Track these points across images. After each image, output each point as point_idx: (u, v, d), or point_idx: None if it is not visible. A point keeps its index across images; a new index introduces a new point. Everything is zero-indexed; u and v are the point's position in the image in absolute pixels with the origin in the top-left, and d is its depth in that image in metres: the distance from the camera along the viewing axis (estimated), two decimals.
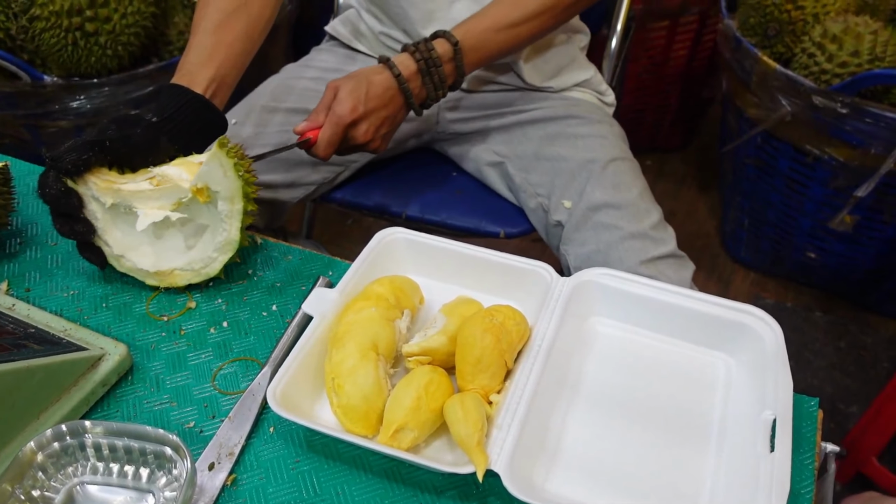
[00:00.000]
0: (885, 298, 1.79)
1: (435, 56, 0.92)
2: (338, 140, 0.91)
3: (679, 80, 2.14)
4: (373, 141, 0.95)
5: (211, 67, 0.87)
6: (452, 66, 0.95)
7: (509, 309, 0.70)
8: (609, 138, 1.08)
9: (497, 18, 0.96)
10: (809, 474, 0.64)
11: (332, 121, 0.90)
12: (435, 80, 0.94)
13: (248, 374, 0.74)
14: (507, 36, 0.96)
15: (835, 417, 1.59)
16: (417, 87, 0.94)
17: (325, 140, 0.91)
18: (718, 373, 0.72)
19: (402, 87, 0.93)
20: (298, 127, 0.92)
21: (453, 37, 0.93)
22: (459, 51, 0.93)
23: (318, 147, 0.91)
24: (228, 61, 0.89)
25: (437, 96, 0.96)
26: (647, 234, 0.96)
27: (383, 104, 0.93)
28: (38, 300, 0.80)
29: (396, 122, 0.97)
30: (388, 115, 0.94)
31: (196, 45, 0.89)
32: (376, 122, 0.93)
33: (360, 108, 0.90)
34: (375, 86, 0.91)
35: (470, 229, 1.15)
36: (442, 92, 0.96)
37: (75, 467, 0.62)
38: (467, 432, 0.60)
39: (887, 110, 1.37)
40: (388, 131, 0.97)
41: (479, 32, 0.95)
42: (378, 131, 0.94)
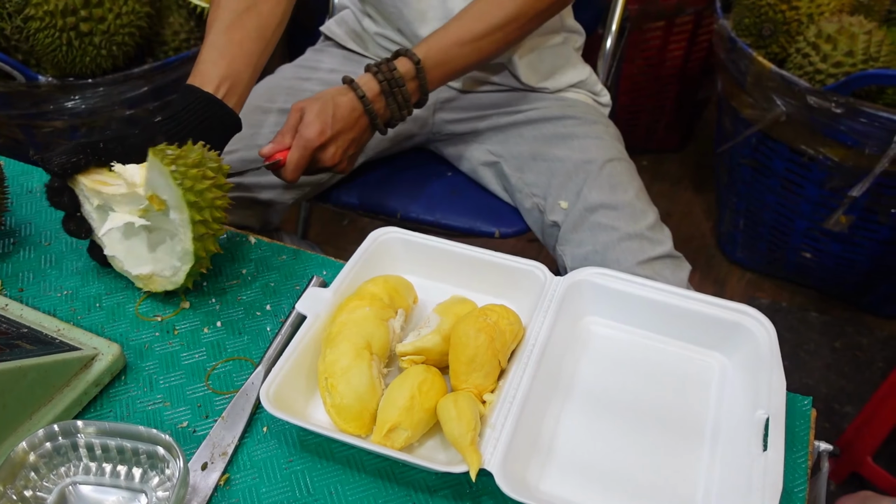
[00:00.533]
0: (881, 299, 1.79)
1: (398, 76, 0.92)
2: (305, 163, 0.91)
3: (674, 80, 2.14)
4: (340, 163, 0.95)
5: (221, 66, 0.86)
6: (416, 84, 0.94)
7: (503, 308, 0.70)
8: (605, 139, 1.08)
9: (460, 33, 0.95)
10: (802, 473, 0.64)
11: (300, 144, 0.90)
12: (399, 99, 0.94)
13: (241, 373, 0.73)
14: (472, 49, 0.96)
15: (830, 417, 1.59)
16: (382, 108, 0.94)
17: (293, 163, 0.90)
18: (712, 372, 0.72)
19: (366, 108, 0.93)
20: (264, 149, 0.92)
21: (415, 55, 0.93)
22: (422, 69, 0.93)
23: (285, 170, 0.91)
24: (240, 60, 0.88)
25: (401, 115, 0.96)
26: (644, 235, 0.96)
27: (349, 126, 0.93)
28: (32, 300, 0.80)
29: (362, 143, 0.98)
30: (355, 136, 0.94)
31: (208, 45, 0.89)
32: (343, 144, 0.93)
33: (328, 131, 0.90)
34: (341, 108, 0.91)
35: (465, 229, 1.15)
36: (407, 111, 0.96)
37: (68, 467, 0.62)
38: (461, 432, 0.60)
39: (882, 110, 1.37)
40: (355, 153, 0.97)
41: (443, 48, 0.95)
42: (345, 153, 0.95)
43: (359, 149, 0.98)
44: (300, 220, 1.57)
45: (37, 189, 0.95)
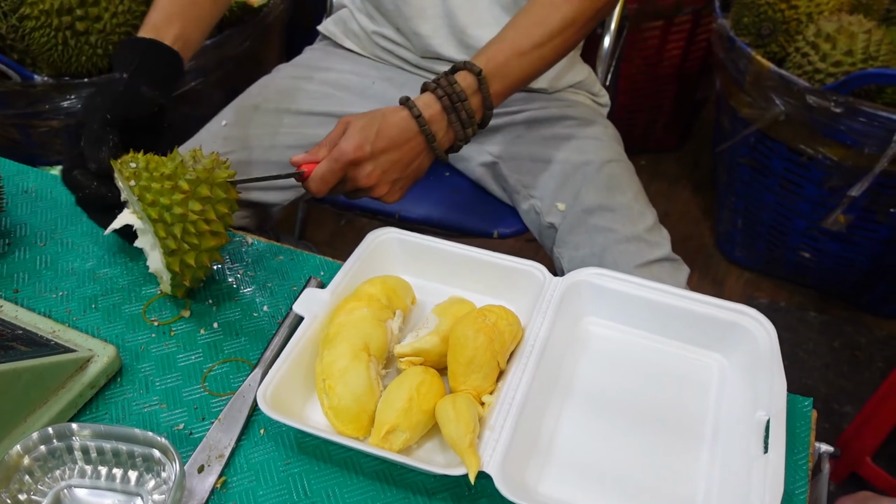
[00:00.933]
0: (880, 298, 1.79)
1: (458, 90, 0.82)
2: (334, 178, 0.82)
3: (673, 80, 2.14)
4: (378, 186, 0.84)
5: (175, 25, 0.85)
6: (479, 98, 0.85)
7: (502, 309, 0.70)
8: (603, 140, 1.07)
9: (518, 41, 0.87)
10: (803, 475, 0.64)
11: (333, 156, 0.81)
12: (462, 116, 0.84)
13: (238, 375, 0.73)
14: (533, 58, 0.88)
15: (829, 417, 1.59)
16: (443, 129, 0.84)
17: (319, 175, 0.82)
18: (712, 373, 0.72)
19: (422, 128, 0.82)
20: (296, 157, 0.84)
21: (475, 66, 0.83)
22: (484, 80, 0.84)
23: (310, 181, 0.82)
24: (192, 22, 0.88)
25: (466, 135, 0.86)
26: (642, 238, 0.96)
27: (395, 146, 0.82)
28: (27, 301, 0.80)
29: (413, 170, 0.86)
30: (401, 159, 0.84)
31: (161, 3, 0.87)
32: (385, 164, 0.83)
33: (367, 147, 0.80)
34: (390, 126, 0.82)
35: (464, 230, 1.14)
36: (472, 129, 0.86)
37: (63, 470, 0.61)
38: (459, 434, 0.60)
39: (881, 109, 1.37)
40: (401, 178, 0.85)
41: (503, 59, 0.86)
42: (385, 176, 0.83)
43: (406, 175, 0.86)
44: (298, 221, 1.57)
45: (32, 189, 0.94)
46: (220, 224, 0.75)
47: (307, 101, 1.10)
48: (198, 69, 1.54)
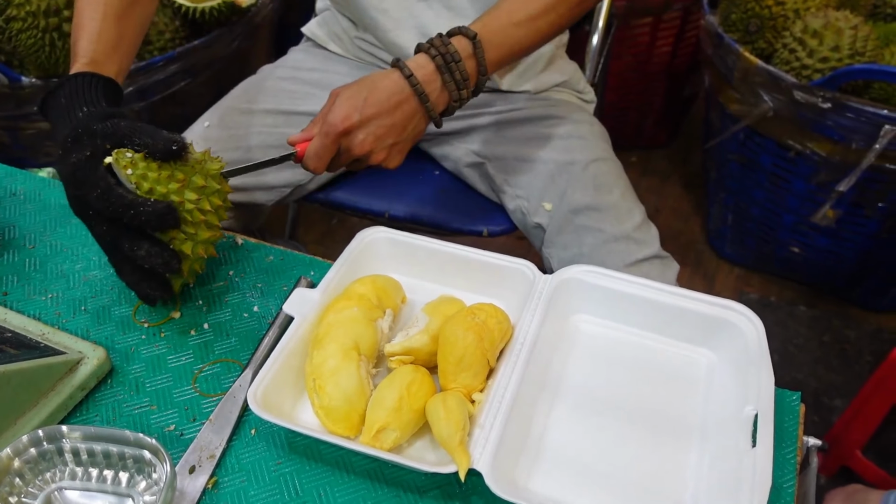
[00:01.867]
0: (868, 292, 1.80)
1: (453, 50, 0.82)
2: (328, 152, 0.82)
3: (662, 77, 2.15)
4: (373, 153, 0.84)
5: (115, 61, 0.81)
6: (474, 62, 0.84)
7: (492, 307, 0.70)
8: (589, 138, 1.07)
9: (513, 11, 0.87)
10: (791, 468, 0.64)
11: (323, 130, 0.82)
12: (456, 76, 0.83)
13: (229, 375, 0.73)
14: (528, 30, 0.87)
15: (819, 411, 1.60)
16: (437, 90, 0.83)
17: (313, 151, 0.82)
18: (701, 369, 0.72)
19: (414, 88, 0.81)
20: (291, 137, 0.85)
21: (470, 31, 0.83)
22: (479, 44, 0.83)
23: (306, 159, 0.83)
24: (127, 56, 0.85)
25: (460, 97, 0.85)
26: (631, 237, 0.96)
27: (386, 110, 0.82)
28: (16, 304, 0.79)
29: (408, 132, 0.85)
30: (395, 122, 0.83)
31: (99, 33, 0.81)
32: (377, 130, 0.82)
33: (355, 115, 0.81)
34: (379, 90, 0.82)
35: (453, 228, 1.14)
36: (466, 91, 0.85)
37: (53, 473, 0.61)
38: (449, 432, 0.60)
39: (868, 105, 1.37)
40: (397, 142, 0.85)
41: (498, 27, 0.86)
42: (380, 142, 0.83)
43: (402, 138, 0.85)
44: (288, 221, 1.57)
45: (20, 191, 0.94)
46: (215, 216, 0.74)
47: (292, 102, 1.10)
48: (186, 70, 1.53)
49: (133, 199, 0.67)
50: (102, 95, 0.75)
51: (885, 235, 1.61)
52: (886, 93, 1.45)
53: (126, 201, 0.67)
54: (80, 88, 0.75)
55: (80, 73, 0.77)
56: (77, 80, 0.75)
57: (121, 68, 0.81)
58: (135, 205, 0.67)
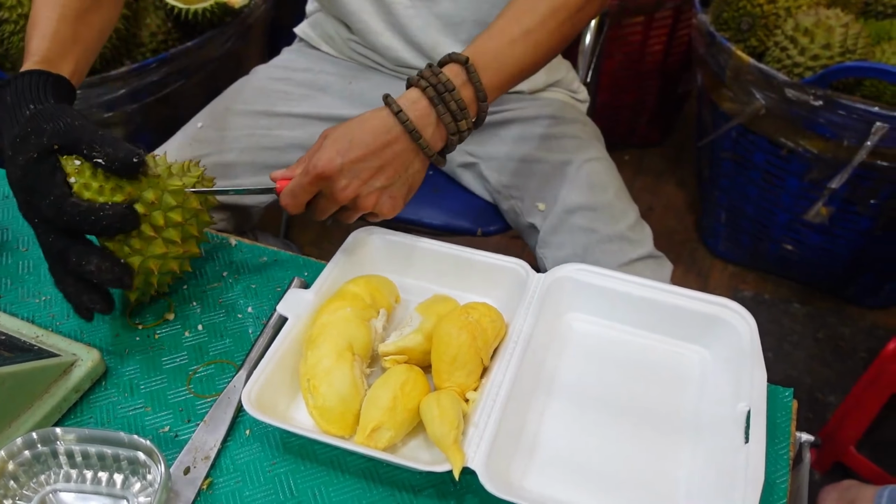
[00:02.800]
0: (862, 289, 1.81)
1: (444, 79, 0.74)
2: (304, 193, 0.75)
3: (655, 75, 2.15)
4: (360, 198, 0.75)
5: (71, 61, 0.78)
6: (471, 89, 0.76)
7: (485, 306, 0.70)
8: (582, 138, 1.07)
9: (507, 29, 0.80)
10: (784, 464, 0.65)
11: (305, 170, 0.74)
12: (452, 107, 0.75)
13: (223, 376, 0.73)
14: (526, 46, 0.80)
15: (813, 408, 1.60)
16: (432, 125, 0.76)
17: (289, 190, 0.75)
18: (694, 366, 0.72)
19: (404, 124, 0.74)
20: (275, 174, 0.79)
21: (461, 56, 0.76)
22: (473, 69, 0.76)
23: (281, 196, 0.77)
24: (84, 58, 0.81)
25: (458, 129, 0.77)
26: (624, 236, 0.96)
27: (372, 152, 0.73)
28: (9, 307, 0.79)
29: (402, 175, 0.77)
30: (383, 164, 0.74)
31: (54, 32, 0.78)
32: (364, 175, 0.74)
33: (338, 160, 0.72)
34: (365, 132, 0.74)
35: (447, 228, 1.14)
36: (465, 122, 0.77)
37: (48, 475, 0.61)
38: (443, 431, 0.60)
39: (859, 102, 1.38)
40: (389, 186, 0.76)
41: (493, 48, 0.79)
42: (366, 187, 0.75)
43: (398, 182, 0.77)
44: (282, 221, 1.57)
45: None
46: (176, 232, 0.72)
47: (284, 103, 1.10)
48: (179, 71, 1.53)
49: (89, 206, 0.65)
50: (52, 94, 0.72)
51: (877, 232, 1.62)
52: (877, 90, 1.46)
53: (81, 209, 0.64)
54: (29, 86, 0.71)
55: (28, 70, 0.73)
56: (25, 79, 0.72)
57: (76, 69, 0.78)
58: (91, 211, 0.64)
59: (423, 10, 1.01)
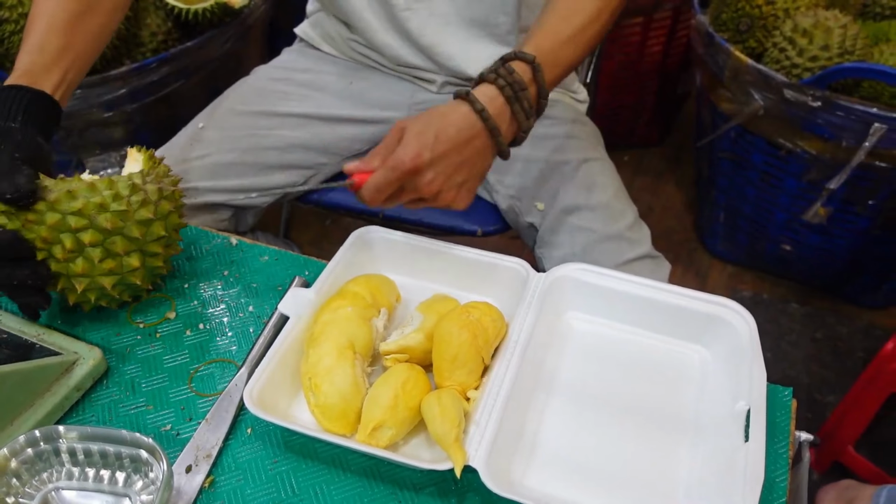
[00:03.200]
0: (860, 289, 1.81)
1: (518, 79, 0.76)
2: (390, 188, 0.75)
3: (654, 76, 2.15)
4: (442, 193, 0.76)
5: (57, 73, 0.79)
6: (535, 88, 0.79)
7: (486, 305, 0.71)
8: (582, 138, 1.08)
9: (560, 29, 0.83)
10: (784, 463, 0.65)
11: (389, 165, 0.74)
12: (525, 106, 0.77)
13: (225, 375, 0.73)
14: (577, 46, 0.84)
15: (812, 407, 1.60)
16: (507, 121, 0.78)
17: (374, 185, 0.75)
18: (694, 365, 0.73)
19: (486, 123, 0.76)
20: (349, 166, 0.77)
21: (528, 55, 0.78)
22: (539, 68, 0.78)
23: (364, 191, 0.75)
24: (75, 67, 0.81)
25: (529, 126, 0.80)
26: (623, 236, 0.97)
27: (456, 148, 0.75)
28: (11, 305, 0.79)
29: (478, 170, 0.79)
30: (465, 160, 0.76)
31: (41, 45, 0.79)
32: (448, 169, 0.75)
33: (426, 154, 0.73)
34: (449, 126, 0.75)
35: (447, 228, 1.15)
36: (533, 120, 0.80)
37: (50, 473, 0.61)
38: (445, 429, 0.60)
39: (857, 103, 1.38)
40: (467, 180, 0.78)
41: (550, 48, 0.81)
42: (450, 181, 0.76)
43: (472, 176, 0.79)
44: (282, 221, 1.57)
45: None
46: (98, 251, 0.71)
47: (285, 103, 1.10)
48: (179, 71, 1.53)
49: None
50: (23, 111, 0.73)
51: (875, 232, 1.62)
52: (875, 91, 1.46)
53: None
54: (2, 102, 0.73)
55: (8, 85, 0.75)
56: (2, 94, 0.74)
57: (63, 79, 0.79)
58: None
59: (422, 10, 1.01)
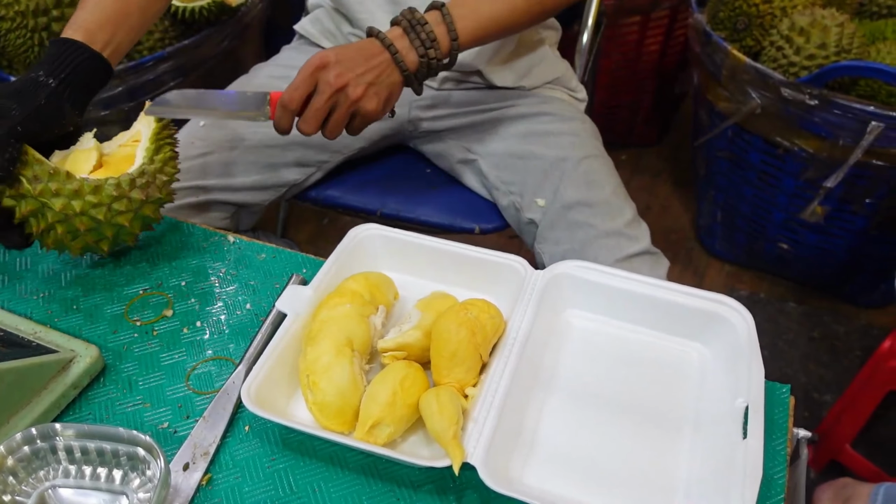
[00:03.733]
0: (857, 288, 1.81)
1: (419, 17, 0.87)
2: (303, 86, 0.84)
3: (652, 75, 2.15)
4: (350, 86, 0.84)
5: (108, 31, 0.83)
6: (444, 28, 0.88)
7: (484, 303, 0.70)
8: (581, 136, 1.08)
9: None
10: (782, 460, 0.65)
11: (301, 68, 0.84)
12: (422, 36, 0.87)
13: (222, 373, 0.73)
14: (503, 5, 0.92)
15: (809, 406, 1.61)
16: (406, 47, 0.87)
17: (291, 86, 0.84)
18: (692, 362, 0.73)
19: (383, 42, 0.87)
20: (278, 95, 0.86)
21: (438, 2, 0.89)
22: (447, 11, 0.88)
23: (282, 98, 0.84)
24: (125, 29, 0.85)
25: (427, 55, 0.88)
26: (622, 232, 0.97)
27: (359, 53, 0.86)
28: (7, 303, 0.79)
29: (385, 78, 0.87)
30: (370, 66, 0.86)
31: (94, 4, 0.84)
32: (353, 65, 0.85)
33: (331, 54, 0.84)
34: (353, 46, 0.87)
35: (445, 226, 1.15)
36: (433, 51, 0.88)
37: (47, 471, 0.61)
38: (443, 426, 0.60)
39: (854, 101, 1.38)
40: (375, 83, 0.86)
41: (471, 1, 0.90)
42: (358, 78, 0.85)
43: (383, 84, 0.87)
44: (280, 220, 1.56)
45: None
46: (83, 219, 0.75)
47: None
48: (176, 69, 1.53)
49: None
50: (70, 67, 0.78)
51: (873, 231, 1.62)
52: (872, 89, 1.46)
53: None
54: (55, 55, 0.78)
55: (65, 39, 0.80)
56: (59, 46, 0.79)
57: (113, 38, 0.83)
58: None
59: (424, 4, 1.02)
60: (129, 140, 0.83)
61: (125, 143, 0.83)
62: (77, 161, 0.78)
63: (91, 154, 0.79)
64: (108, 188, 0.75)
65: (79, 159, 0.78)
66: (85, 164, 0.78)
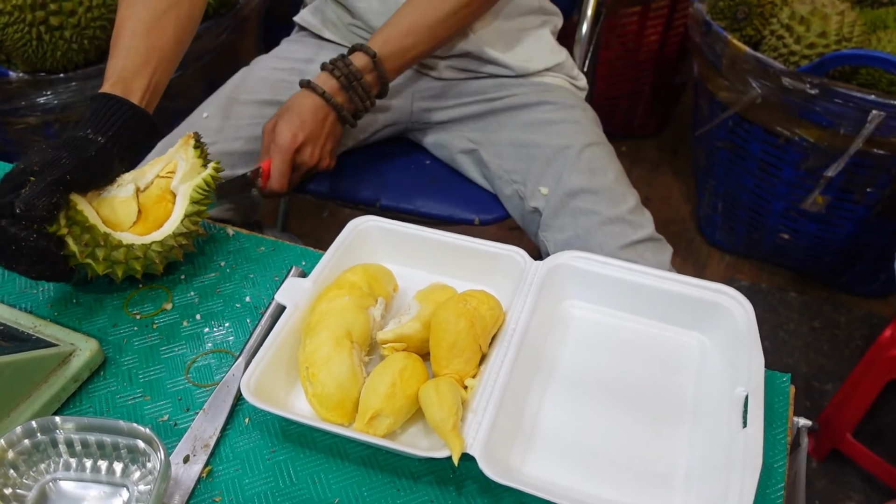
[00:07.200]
0: (858, 278, 1.81)
1: (354, 70, 0.98)
2: (287, 168, 0.98)
3: (652, 65, 2.15)
4: (322, 160, 1.03)
5: (145, 76, 0.83)
6: (374, 75, 1.00)
7: (483, 294, 0.70)
8: (583, 123, 1.08)
9: (413, 22, 1.00)
10: (782, 449, 0.65)
11: (277, 152, 0.96)
12: (359, 92, 1.00)
13: (222, 365, 0.73)
14: (427, 37, 1.01)
15: (810, 396, 1.61)
16: (345, 101, 1.00)
17: (276, 171, 0.97)
18: (692, 352, 0.73)
19: (329, 102, 0.98)
20: (252, 170, 0.98)
21: (370, 49, 0.98)
22: (379, 61, 0.98)
23: (271, 181, 0.98)
24: (161, 67, 0.85)
25: (365, 107, 1.02)
26: (625, 219, 0.97)
27: (318, 125, 0.99)
28: (7, 297, 0.79)
29: (336, 136, 1.04)
30: (327, 132, 1.01)
31: (127, 49, 0.84)
32: (320, 142, 1.00)
33: (300, 134, 0.97)
34: (307, 111, 0.98)
35: (445, 217, 1.14)
36: (369, 101, 1.01)
37: (47, 464, 0.61)
38: (442, 417, 0.60)
39: (855, 90, 1.38)
40: (333, 146, 1.04)
41: (398, 39, 0.99)
42: (323, 150, 1.02)
43: (334, 142, 1.04)
44: (280, 213, 1.56)
45: None
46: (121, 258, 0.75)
47: (288, 92, 1.10)
48: None
49: None
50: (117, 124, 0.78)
51: (873, 220, 1.62)
52: (873, 78, 1.46)
53: None
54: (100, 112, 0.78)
55: (107, 94, 0.80)
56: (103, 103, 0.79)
57: (151, 82, 0.84)
58: None
59: None
60: (165, 171, 0.81)
61: (162, 172, 0.81)
62: (117, 212, 0.77)
63: (131, 204, 0.78)
64: (151, 253, 0.77)
65: (118, 210, 0.77)
66: (125, 217, 0.78)
